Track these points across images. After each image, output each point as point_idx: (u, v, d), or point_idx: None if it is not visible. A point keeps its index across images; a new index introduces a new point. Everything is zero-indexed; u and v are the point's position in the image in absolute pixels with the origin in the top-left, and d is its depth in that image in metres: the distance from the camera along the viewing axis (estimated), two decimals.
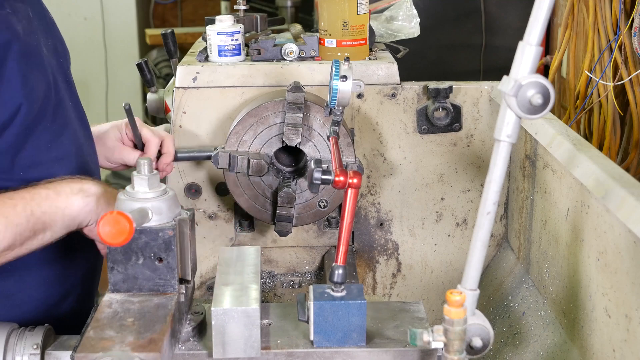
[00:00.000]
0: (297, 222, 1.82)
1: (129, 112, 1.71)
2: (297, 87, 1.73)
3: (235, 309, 1.18)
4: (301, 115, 1.73)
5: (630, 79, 2.21)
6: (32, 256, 1.47)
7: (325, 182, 1.30)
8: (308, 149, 1.78)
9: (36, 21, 1.52)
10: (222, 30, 1.95)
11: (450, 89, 1.96)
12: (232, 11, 2.31)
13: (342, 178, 1.25)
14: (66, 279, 1.58)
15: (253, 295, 1.22)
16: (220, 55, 1.96)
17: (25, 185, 1.37)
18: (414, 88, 1.98)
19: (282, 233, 1.80)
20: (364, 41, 1.98)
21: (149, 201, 1.19)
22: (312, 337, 1.21)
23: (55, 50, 1.57)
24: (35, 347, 1.27)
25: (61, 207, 1.35)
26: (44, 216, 1.32)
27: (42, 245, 1.35)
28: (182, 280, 1.24)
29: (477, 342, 1.14)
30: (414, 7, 2.13)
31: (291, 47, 1.97)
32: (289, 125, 1.74)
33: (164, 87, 2.22)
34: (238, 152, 1.76)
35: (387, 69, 1.96)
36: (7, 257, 1.32)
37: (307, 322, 1.21)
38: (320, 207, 1.81)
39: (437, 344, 1.08)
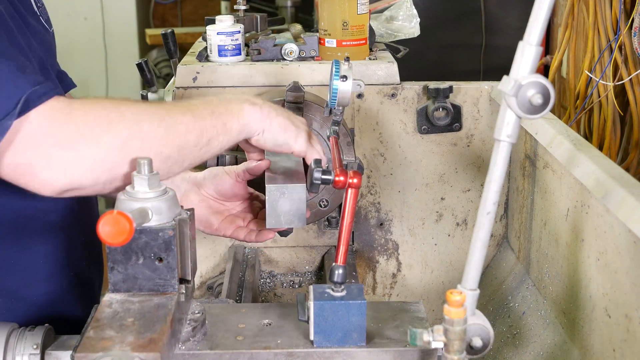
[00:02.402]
0: None
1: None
2: (296, 87, 1.73)
3: (286, 186, 1.46)
4: (301, 115, 1.73)
5: (630, 79, 2.21)
6: (31, 251, 1.49)
7: (325, 182, 1.30)
8: None
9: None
10: (222, 30, 1.95)
11: (450, 89, 1.96)
12: (232, 11, 2.31)
13: (342, 178, 1.25)
14: (65, 276, 1.58)
15: (299, 175, 1.49)
16: (220, 55, 1.96)
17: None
18: (414, 88, 1.98)
19: (283, 233, 1.79)
20: (364, 41, 1.98)
21: (149, 201, 1.19)
22: (312, 337, 1.20)
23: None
24: (35, 347, 1.27)
25: (235, 111, 1.38)
26: (222, 117, 1.36)
27: (221, 149, 1.38)
28: (182, 280, 1.24)
29: (477, 342, 1.14)
30: (414, 7, 2.13)
31: (291, 47, 1.97)
32: None
33: (164, 87, 2.22)
34: (226, 152, 1.76)
35: (387, 69, 1.96)
36: (194, 156, 1.34)
37: (307, 322, 1.21)
38: (320, 206, 1.81)
39: (437, 344, 1.08)
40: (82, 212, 1.60)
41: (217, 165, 1.75)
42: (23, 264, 1.52)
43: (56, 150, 1.20)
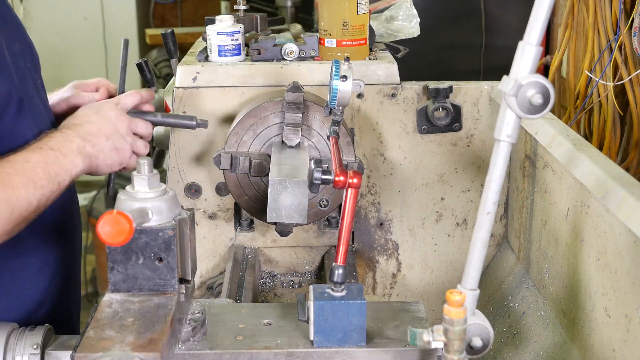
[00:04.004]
0: None
1: (125, 46, 1.80)
2: (296, 87, 1.73)
3: (289, 180, 1.48)
4: (300, 115, 1.73)
5: (630, 79, 2.21)
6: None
7: (325, 182, 1.30)
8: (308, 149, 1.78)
9: None
10: (222, 30, 1.95)
11: (450, 89, 1.96)
12: (232, 11, 2.31)
13: (342, 178, 1.25)
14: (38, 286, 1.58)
15: (303, 172, 1.50)
16: (220, 55, 1.96)
17: (30, 144, 1.45)
18: (414, 88, 1.98)
19: (283, 233, 1.80)
20: (364, 41, 1.98)
21: (149, 201, 1.20)
22: (312, 337, 1.21)
23: (21, 54, 1.55)
24: (35, 347, 1.27)
25: (69, 168, 1.46)
26: (57, 178, 1.43)
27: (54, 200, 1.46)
28: (182, 280, 1.24)
29: (477, 342, 1.14)
30: (414, 7, 2.13)
31: (291, 47, 1.97)
32: (288, 125, 1.74)
33: (164, 87, 2.22)
34: (239, 153, 1.76)
35: (387, 69, 1.96)
36: (30, 217, 1.39)
37: (307, 322, 1.21)
38: (320, 206, 1.81)
39: (437, 344, 1.08)
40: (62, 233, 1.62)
41: (230, 167, 1.75)
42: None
43: None
